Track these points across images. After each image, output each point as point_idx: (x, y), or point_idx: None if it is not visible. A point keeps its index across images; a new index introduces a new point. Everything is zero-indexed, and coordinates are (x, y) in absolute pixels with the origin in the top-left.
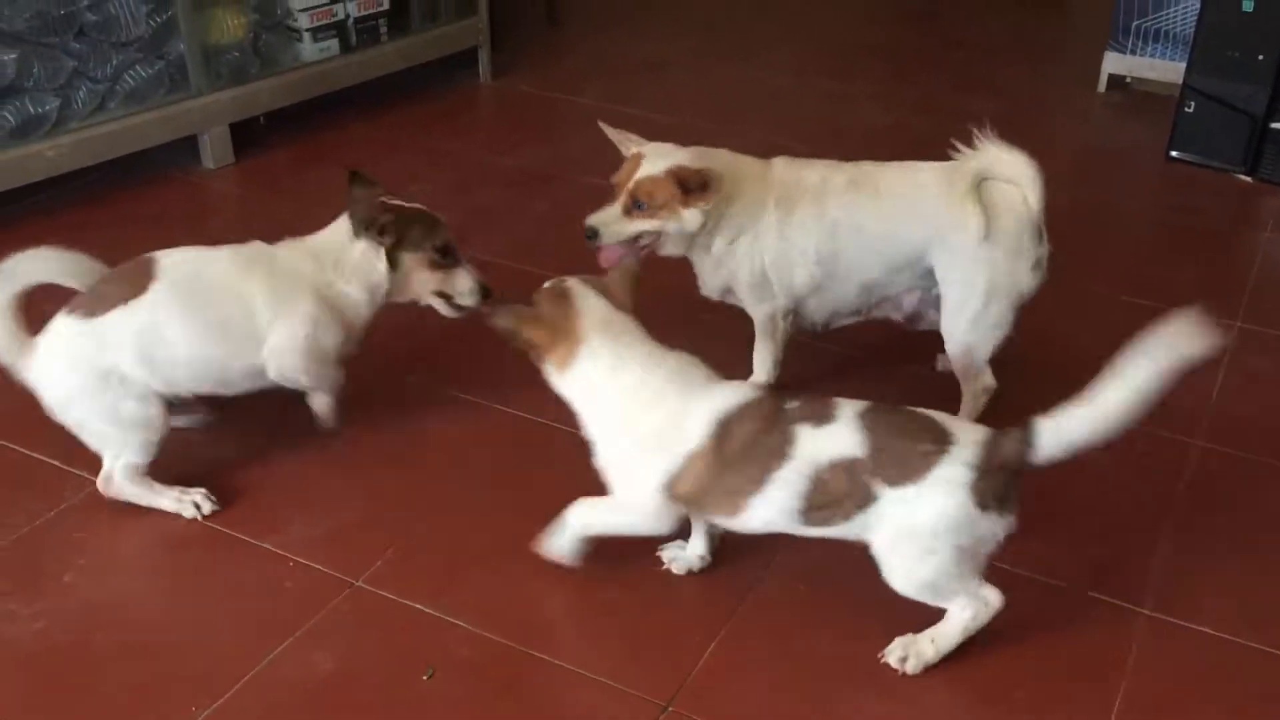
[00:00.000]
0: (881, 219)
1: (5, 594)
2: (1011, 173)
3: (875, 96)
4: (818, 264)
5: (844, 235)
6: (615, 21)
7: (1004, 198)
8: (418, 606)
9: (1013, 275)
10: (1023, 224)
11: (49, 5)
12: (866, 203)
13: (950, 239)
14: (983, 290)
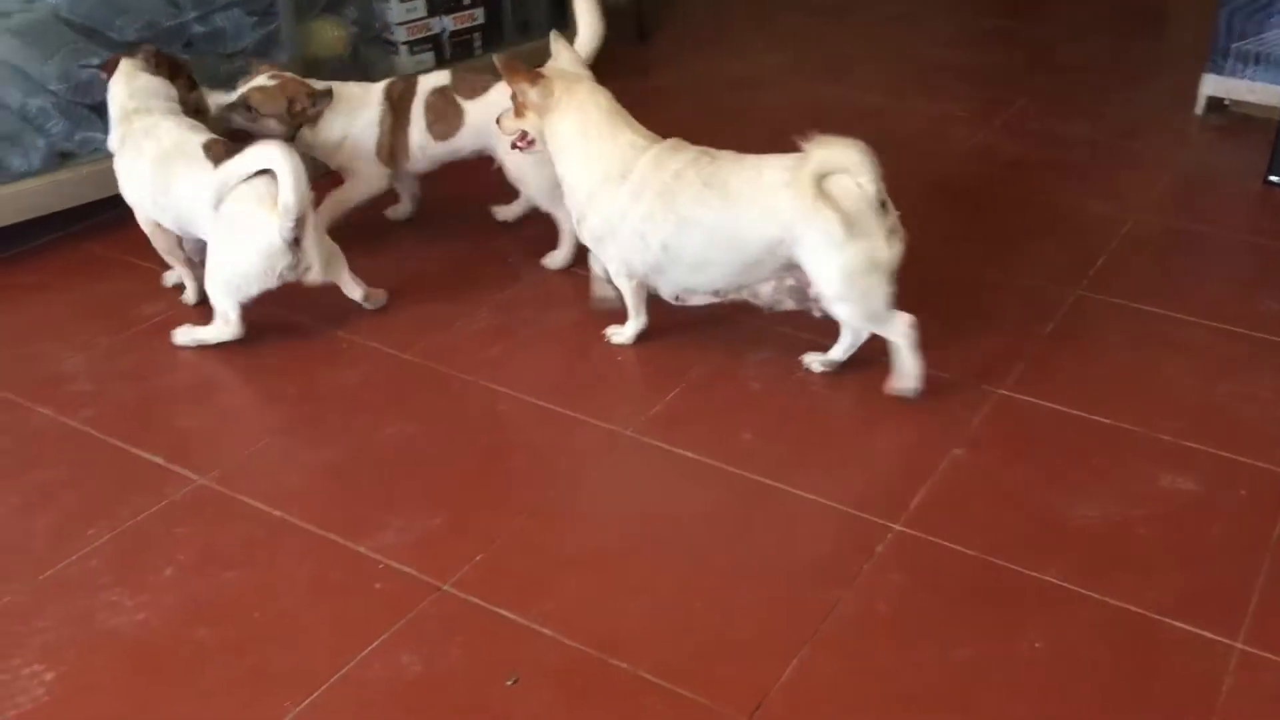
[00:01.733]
0: (730, 219)
1: (110, 585)
2: (842, 163)
3: (965, 118)
4: (662, 250)
5: (691, 230)
6: (705, 39)
7: (840, 188)
8: (503, 612)
9: (869, 254)
10: (862, 208)
11: (160, 16)
12: (715, 202)
13: (802, 235)
14: (845, 276)
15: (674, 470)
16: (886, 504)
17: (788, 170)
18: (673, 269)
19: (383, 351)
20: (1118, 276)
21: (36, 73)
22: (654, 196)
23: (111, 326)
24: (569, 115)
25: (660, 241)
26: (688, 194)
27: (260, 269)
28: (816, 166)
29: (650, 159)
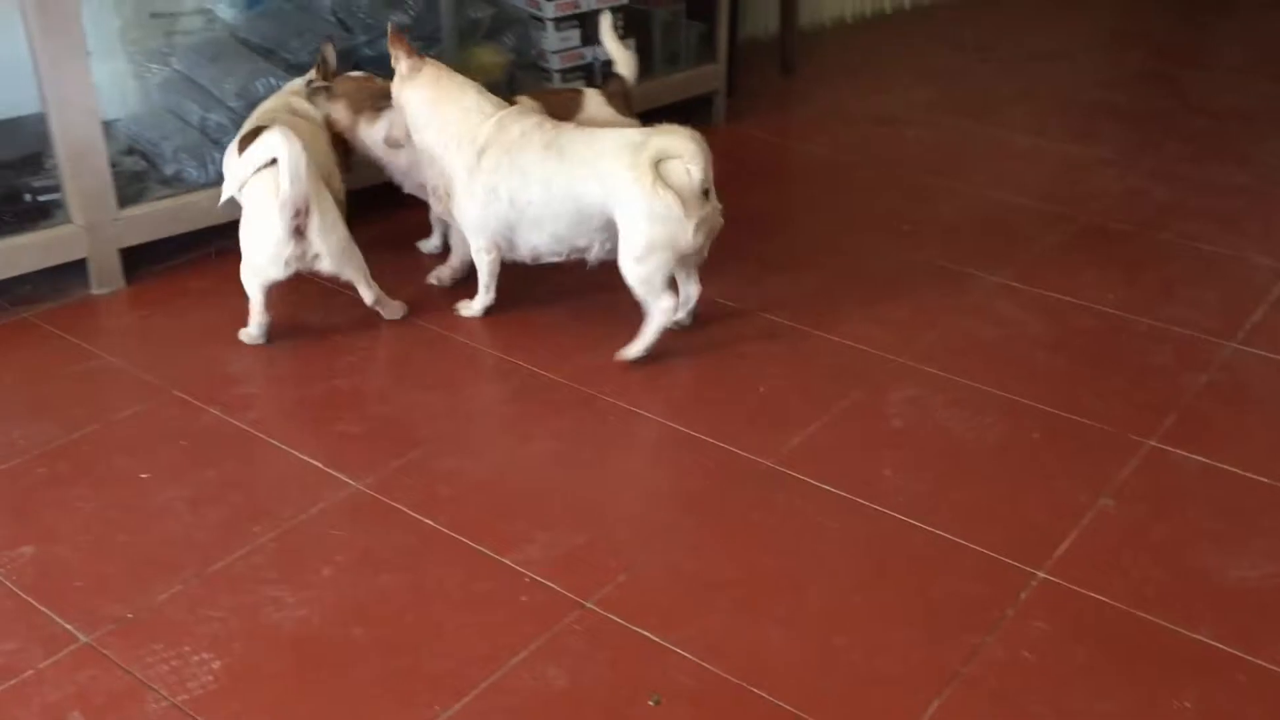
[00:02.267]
0: (565, 178)
1: (274, 581)
2: (678, 150)
3: (1113, 161)
4: (509, 205)
5: (532, 186)
6: (849, 73)
7: (672, 171)
8: (644, 633)
9: (674, 235)
10: (686, 193)
11: (332, 40)
12: (553, 163)
13: (626, 202)
14: (646, 244)
15: (814, 503)
16: (1031, 550)
17: (622, 144)
18: (520, 225)
19: (528, 369)
20: (1277, 330)
21: (216, 89)
22: (500, 153)
23: (277, 332)
24: (422, 88)
25: (508, 195)
26: (530, 154)
27: (267, 257)
28: (656, 151)
29: (495, 122)
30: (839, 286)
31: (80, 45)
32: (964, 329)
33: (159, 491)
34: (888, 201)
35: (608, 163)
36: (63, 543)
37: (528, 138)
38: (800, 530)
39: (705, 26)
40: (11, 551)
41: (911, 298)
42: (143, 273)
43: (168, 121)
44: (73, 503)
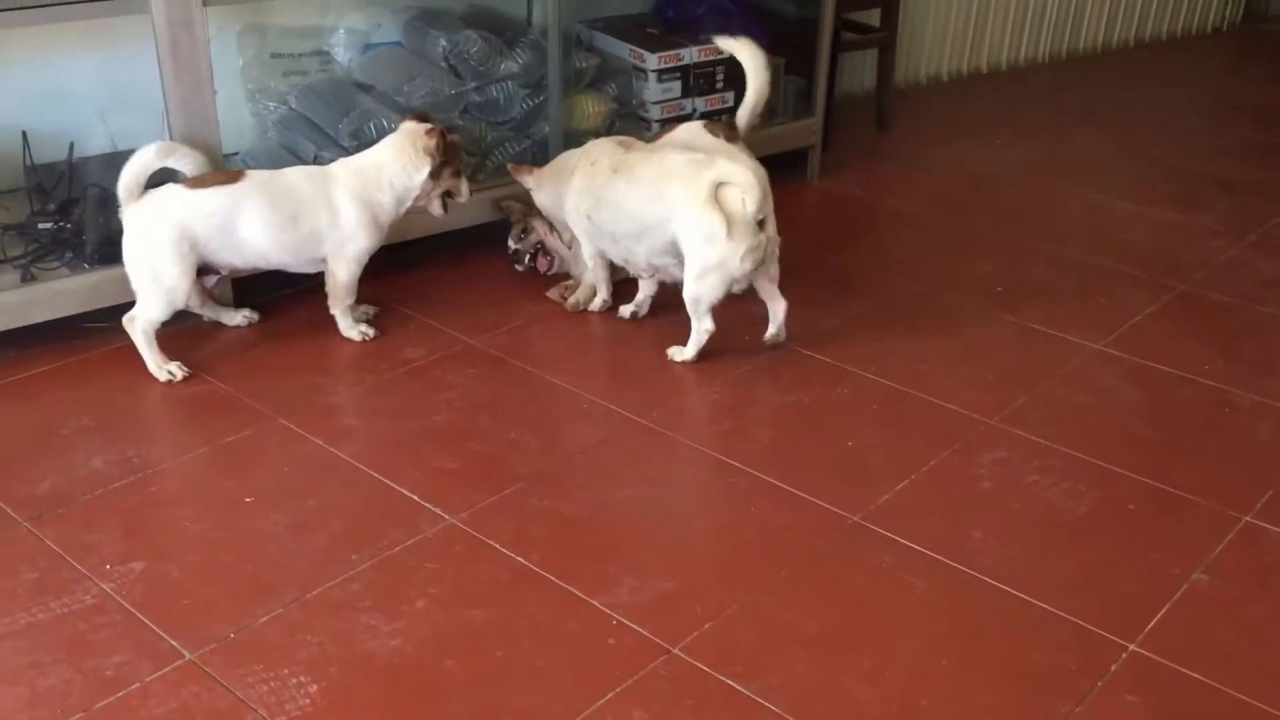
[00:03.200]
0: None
1: (369, 609)
2: (736, 178)
3: (1217, 231)
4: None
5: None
6: (945, 131)
7: (729, 198)
8: (730, 682)
9: (725, 259)
10: (738, 219)
11: (443, 86)
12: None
13: (684, 222)
14: (701, 265)
15: (901, 561)
16: (1122, 622)
17: (686, 165)
18: (606, 241)
19: (620, 414)
20: None
21: (330, 128)
22: (582, 179)
23: (378, 366)
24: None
25: (589, 215)
26: (601, 178)
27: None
28: (716, 175)
29: (582, 151)
30: (930, 345)
31: (207, 83)
32: (1058, 394)
33: (262, 516)
34: (981, 262)
35: (671, 183)
36: (171, 560)
37: (598, 165)
38: (887, 587)
39: (804, 81)
40: (123, 567)
41: (1004, 360)
42: (251, 302)
43: (283, 158)
44: (181, 522)
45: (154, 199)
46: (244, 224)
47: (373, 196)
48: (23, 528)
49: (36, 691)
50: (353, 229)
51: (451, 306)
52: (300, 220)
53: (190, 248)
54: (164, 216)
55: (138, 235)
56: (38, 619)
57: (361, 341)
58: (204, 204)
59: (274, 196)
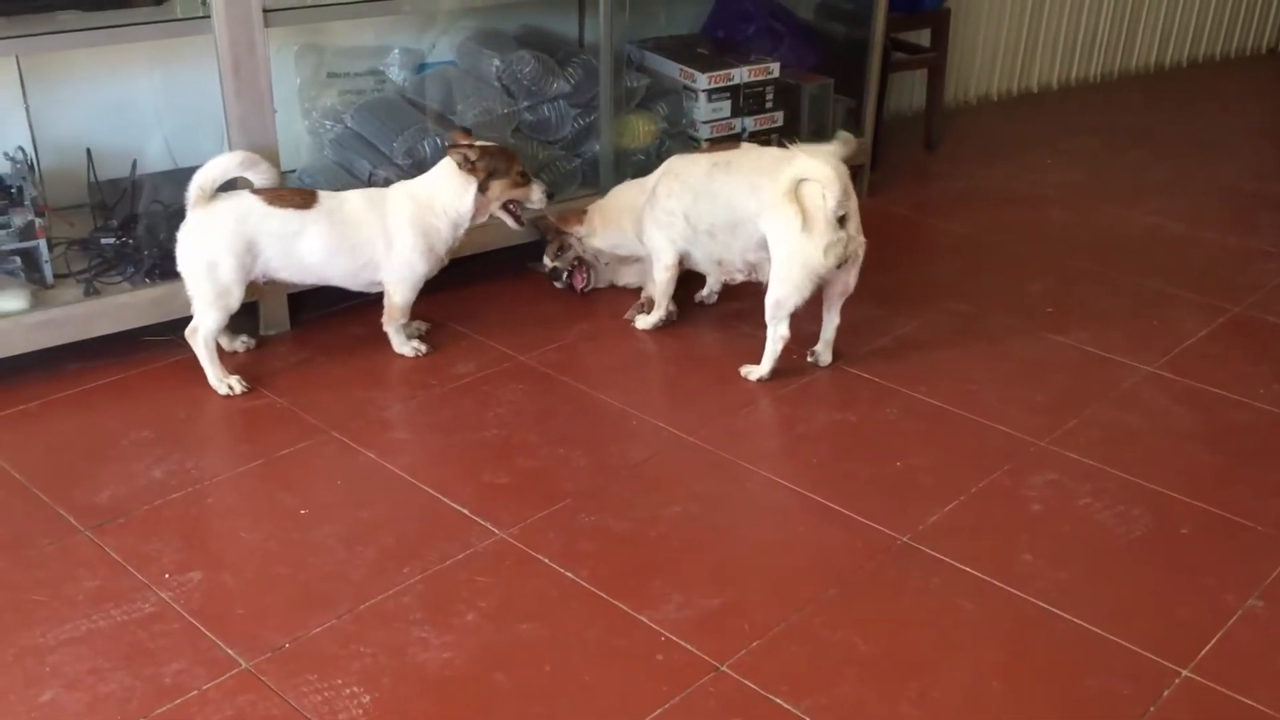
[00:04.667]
0: (729, 190)
1: (420, 622)
2: (816, 174)
3: (1271, 253)
4: (686, 223)
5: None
6: (994, 151)
7: (810, 195)
8: (777, 700)
9: (807, 254)
10: (819, 217)
11: (495, 105)
12: (721, 175)
13: (770, 215)
14: (786, 260)
15: (950, 583)
16: (1175, 647)
17: (776, 160)
18: (697, 240)
19: (668, 431)
20: None
21: (384, 147)
22: (671, 180)
23: (429, 381)
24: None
25: (683, 212)
26: (698, 172)
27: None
28: (797, 170)
29: (662, 169)
30: (978, 365)
31: (267, 103)
32: (1109, 417)
33: (316, 528)
34: (1030, 283)
35: (762, 178)
36: (227, 570)
37: (695, 163)
38: (935, 609)
39: (853, 101)
40: (182, 576)
41: (1054, 381)
42: (306, 317)
43: (338, 175)
44: (237, 533)
45: (227, 203)
46: (306, 246)
47: (428, 222)
48: (84, 536)
49: (97, 697)
50: (408, 255)
51: (502, 323)
52: (359, 249)
53: (252, 258)
54: (234, 221)
55: (202, 235)
56: (99, 626)
57: (414, 357)
58: (274, 219)
59: (338, 224)
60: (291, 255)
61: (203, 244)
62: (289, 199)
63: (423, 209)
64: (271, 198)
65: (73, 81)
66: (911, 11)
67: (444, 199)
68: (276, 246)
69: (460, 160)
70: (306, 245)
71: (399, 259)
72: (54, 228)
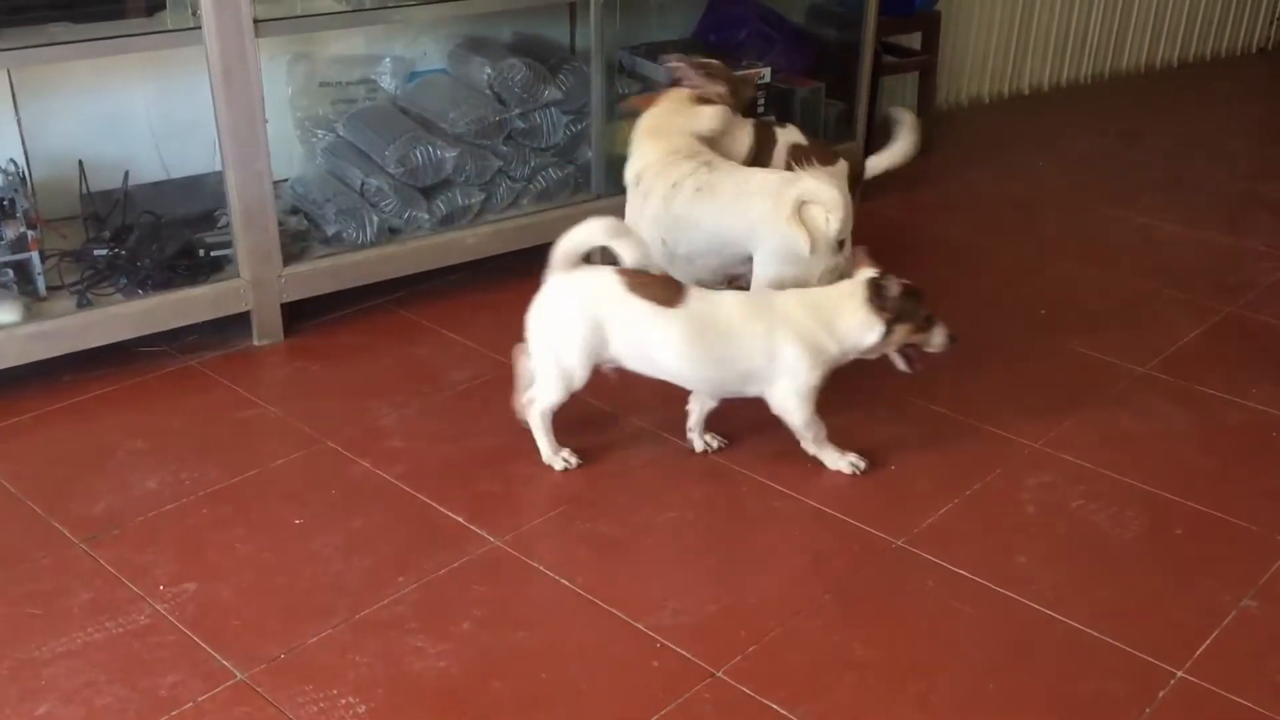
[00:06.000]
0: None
1: (416, 631)
2: (821, 197)
3: (1264, 253)
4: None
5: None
6: (986, 154)
7: (810, 217)
8: (773, 706)
9: (804, 277)
10: (819, 238)
11: (488, 112)
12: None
13: (761, 235)
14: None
15: (946, 586)
16: (1170, 648)
17: (771, 183)
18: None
19: (665, 437)
20: None
21: (376, 155)
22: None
23: (424, 389)
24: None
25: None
26: (682, 199)
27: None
28: (801, 192)
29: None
30: (972, 368)
31: (259, 112)
32: (1104, 418)
33: (311, 538)
34: (1024, 285)
35: (754, 200)
36: (223, 581)
37: (679, 187)
38: (931, 612)
39: (845, 105)
40: (176, 587)
41: (1049, 384)
42: (300, 326)
43: (330, 184)
44: (232, 544)
45: (585, 282)
46: (661, 346)
47: (818, 339)
48: (79, 549)
49: (93, 710)
50: (793, 368)
51: (495, 330)
52: (731, 361)
53: (600, 342)
54: (588, 303)
55: (555, 309)
56: (93, 639)
57: (851, 473)
58: (628, 307)
59: (705, 330)
60: (644, 351)
61: (553, 317)
62: (651, 289)
63: (818, 325)
64: (633, 282)
65: (64, 93)
66: (902, 15)
67: (845, 327)
68: (627, 337)
69: (872, 296)
70: (662, 345)
71: (788, 380)
72: (47, 240)
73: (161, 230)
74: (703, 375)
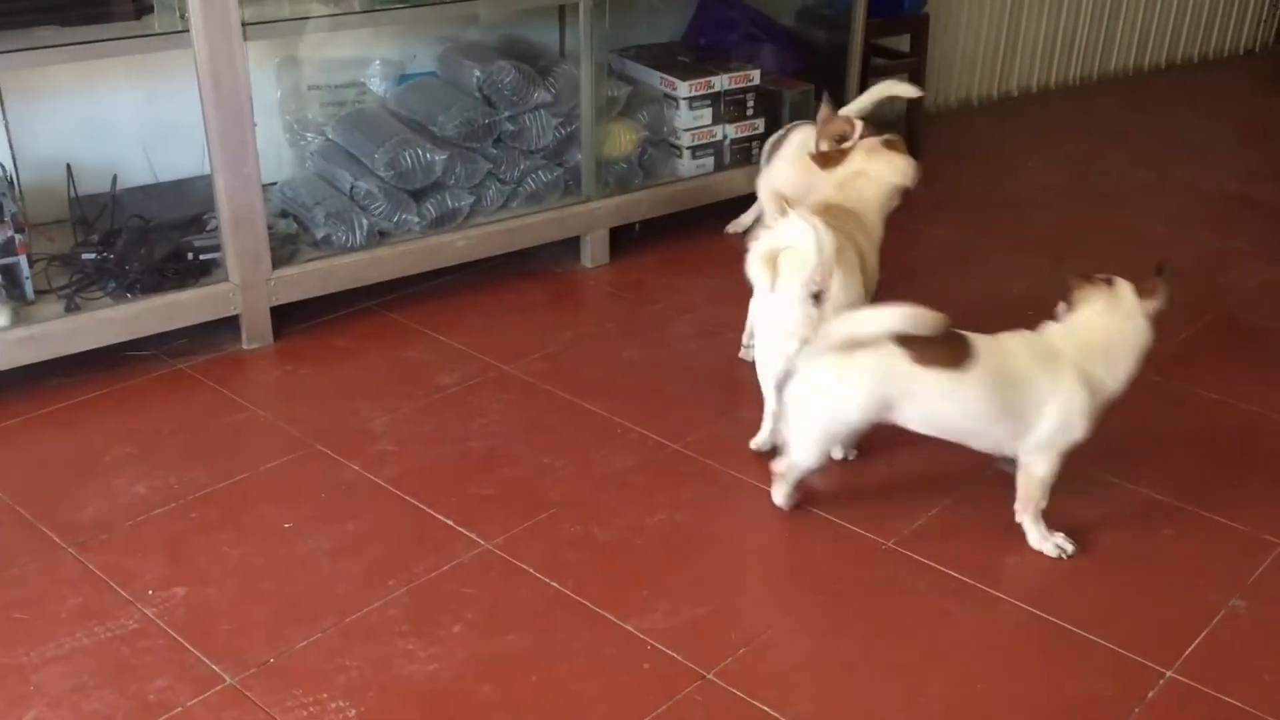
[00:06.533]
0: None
1: (406, 634)
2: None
3: (1252, 254)
4: None
5: None
6: (975, 155)
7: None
8: (764, 707)
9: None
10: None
11: (477, 115)
12: None
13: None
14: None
15: (936, 586)
16: (1159, 648)
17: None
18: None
19: (655, 440)
20: None
21: (366, 158)
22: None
23: (414, 392)
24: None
25: None
26: None
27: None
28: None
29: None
30: None
31: (247, 115)
32: None
33: (301, 541)
34: (1012, 285)
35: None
36: (212, 585)
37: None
38: (921, 613)
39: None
40: (165, 592)
41: None
42: (289, 330)
43: (320, 187)
44: (221, 548)
45: (868, 360)
46: (957, 411)
47: (1099, 380)
48: (67, 553)
49: (82, 715)
50: (1072, 419)
51: (485, 333)
52: (1019, 412)
53: (882, 414)
54: (877, 381)
55: (833, 388)
56: (82, 644)
57: (1058, 558)
58: (922, 380)
59: (1001, 384)
60: (935, 417)
61: (832, 396)
62: (939, 354)
63: (1097, 362)
64: (920, 354)
65: (52, 97)
66: (891, 17)
67: (1124, 346)
68: (919, 409)
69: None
70: (958, 410)
71: (1057, 421)
72: (34, 244)
73: (150, 234)
74: (993, 431)
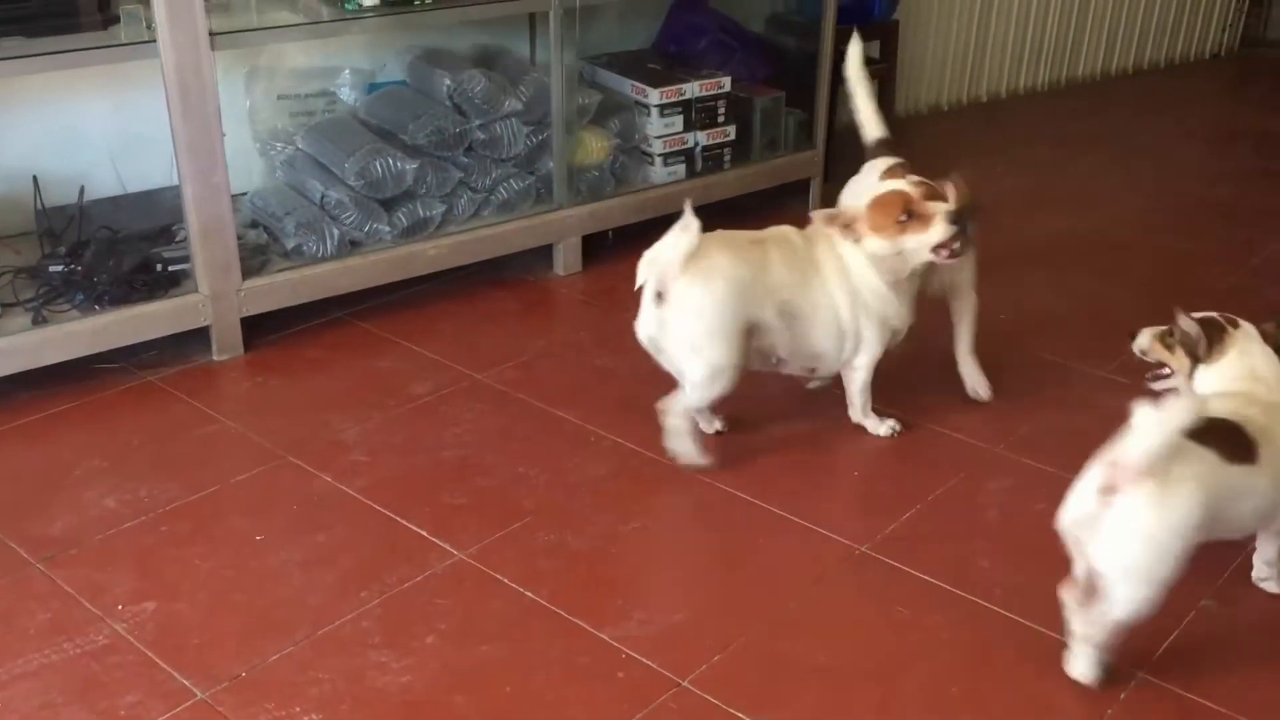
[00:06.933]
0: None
1: (379, 646)
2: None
3: (1217, 257)
4: None
5: None
6: (945, 162)
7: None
8: (739, 714)
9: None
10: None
11: (448, 124)
12: None
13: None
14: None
15: (909, 591)
16: (1131, 649)
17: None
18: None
19: (627, 447)
20: None
21: (337, 168)
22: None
23: (386, 402)
24: None
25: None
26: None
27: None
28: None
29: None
30: (933, 373)
31: (215, 125)
32: (1064, 422)
33: (272, 553)
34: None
35: None
36: (182, 599)
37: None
38: (895, 617)
39: (804, 114)
40: (135, 606)
41: (1009, 388)
42: (260, 340)
43: (290, 197)
44: (192, 561)
45: (1187, 470)
46: (1248, 508)
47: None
48: (35, 569)
49: None
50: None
51: (458, 342)
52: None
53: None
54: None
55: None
56: (51, 660)
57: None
58: (1236, 485)
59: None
60: (1225, 516)
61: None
62: (1235, 449)
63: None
64: (1228, 451)
65: (18, 108)
66: (861, 24)
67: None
68: (1230, 510)
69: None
70: (1249, 507)
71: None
72: (1, 256)
73: (118, 245)
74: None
